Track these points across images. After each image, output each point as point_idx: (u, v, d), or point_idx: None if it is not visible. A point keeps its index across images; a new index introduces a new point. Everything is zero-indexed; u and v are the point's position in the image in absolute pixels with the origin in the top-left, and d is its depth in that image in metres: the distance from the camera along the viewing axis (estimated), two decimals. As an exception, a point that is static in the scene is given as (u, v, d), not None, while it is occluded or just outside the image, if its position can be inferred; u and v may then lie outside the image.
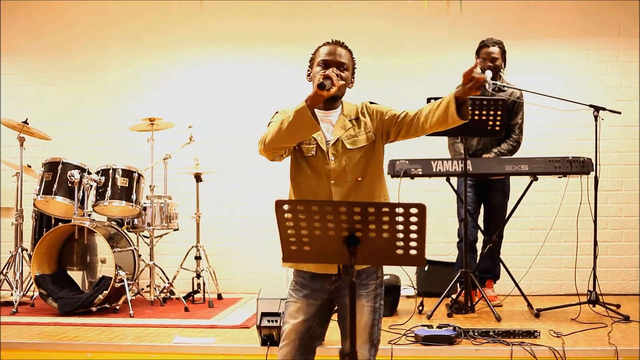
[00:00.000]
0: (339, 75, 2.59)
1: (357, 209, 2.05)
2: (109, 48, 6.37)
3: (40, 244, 4.90)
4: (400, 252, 2.11)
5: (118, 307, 4.87)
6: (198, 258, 5.43)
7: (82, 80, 6.40)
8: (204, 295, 5.36)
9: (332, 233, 2.09)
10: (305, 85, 2.86)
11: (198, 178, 5.53)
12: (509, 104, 4.85)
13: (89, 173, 5.05)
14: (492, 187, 5.04)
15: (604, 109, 4.55)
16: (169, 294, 5.39)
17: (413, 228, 2.06)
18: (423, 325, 3.95)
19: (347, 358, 2.20)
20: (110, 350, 3.84)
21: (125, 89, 6.37)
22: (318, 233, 2.09)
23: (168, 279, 5.36)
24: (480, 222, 5.11)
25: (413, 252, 2.10)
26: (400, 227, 2.06)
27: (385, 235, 2.08)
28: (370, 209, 2.04)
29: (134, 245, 5.22)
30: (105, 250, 5.16)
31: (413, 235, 2.07)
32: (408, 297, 5.28)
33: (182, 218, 5.54)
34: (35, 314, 4.79)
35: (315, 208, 2.06)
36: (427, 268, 5.51)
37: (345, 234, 2.08)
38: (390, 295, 4.56)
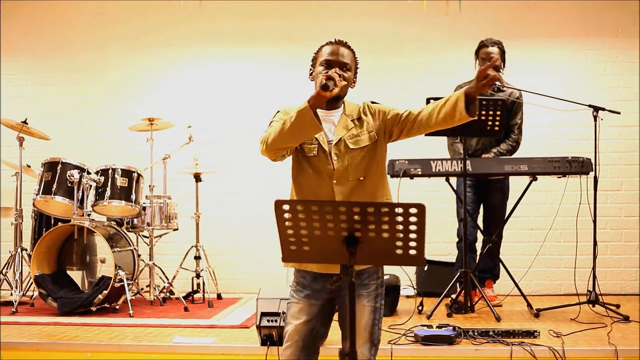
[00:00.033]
0: (342, 76, 2.59)
1: (356, 209, 2.05)
2: (109, 48, 6.37)
3: (40, 244, 4.90)
4: (400, 252, 2.11)
5: (118, 307, 4.87)
6: (198, 258, 5.43)
7: (82, 80, 6.40)
8: (204, 295, 5.36)
9: (331, 233, 2.09)
10: (305, 86, 2.86)
11: (197, 178, 5.53)
12: (508, 104, 4.85)
13: (89, 173, 5.05)
14: (491, 187, 5.05)
15: (603, 109, 4.55)
16: (169, 294, 5.39)
17: (412, 228, 2.06)
18: (423, 325, 3.95)
19: (347, 358, 2.20)
20: (110, 350, 3.84)
21: (125, 89, 6.37)
22: (317, 233, 2.09)
23: (168, 279, 5.36)
24: (480, 222, 5.12)
25: (412, 252, 2.10)
26: (400, 227, 2.06)
27: (385, 235, 2.08)
28: (370, 209, 2.05)
29: (134, 245, 5.22)
30: (105, 250, 5.16)
31: (412, 235, 2.07)
32: (408, 297, 5.28)
33: (181, 218, 5.55)
34: (35, 314, 4.79)
35: (315, 208, 2.06)
36: (426, 268, 5.52)
37: (345, 234, 2.08)
38: (390, 295, 4.56)
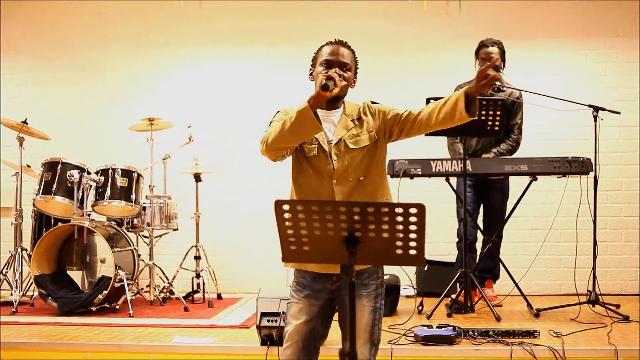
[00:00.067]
0: (342, 76, 2.58)
1: (356, 209, 2.05)
2: (109, 48, 6.37)
3: (40, 244, 4.90)
4: (400, 252, 2.11)
5: (118, 306, 4.87)
6: (197, 258, 5.43)
7: (82, 80, 6.40)
8: (204, 295, 5.36)
9: (331, 233, 2.09)
10: (305, 86, 2.86)
11: (197, 178, 5.53)
12: (508, 104, 4.85)
13: (89, 173, 5.05)
14: (491, 187, 5.05)
15: (603, 109, 4.55)
16: (169, 294, 5.39)
17: (412, 228, 2.06)
18: (423, 325, 3.95)
19: (347, 358, 2.20)
20: (110, 350, 3.84)
21: (125, 89, 6.37)
22: (317, 233, 2.09)
23: (168, 279, 5.36)
24: (480, 222, 5.12)
25: (412, 252, 2.10)
26: (400, 227, 2.06)
27: (385, 235, 2.08)
28: (370, 209, 2.04)
29: (134, 245, 5.22)
30: (105, 250, 5.16)
31: (412, 235, 2.07)
32: (408, 297, 5.28)
33: (181, 218, 5.54)
34: (35, 314, 4.79)
35: (315, 208, 2.06)
36: (426, 268, 5.52)
37: (345, 234, 2.08)
38: (390, 295, 4.56)
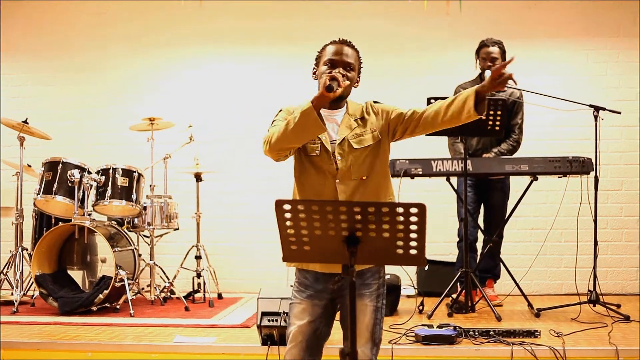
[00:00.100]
0: (345, 76, 2.58)
1: (357, 209, 2.04)
2: (109, 48, 6.37)
3: (41, 244, 4.90)
4: (401, 251, 2.11)
5: (118, 306, 4.87)
6: (198, 257, 5.43)
7: (82, 80, 6.40)
8: (204, 295, 5.36)
9: (332, 233, 2.09)
10: (305, 86, 2.86)
11: (198, 178, 5.53)
12: (509, 104, 4.85)
13: (89, 173, 5.05)
14: (492, 186, 5.05)
15: (604, 109, 4.55)
16: (169, 294, 5.39)
17: (413, 228, 2.06)
18: (423, 325, 3.96)
19: (347, 357, 2.20)
20: (111, 350, 3.85)
21: (125, 89, 6.37)
22: (318, 233, 2.09)
23: (168, 279, 5.36)
24: (481, 221, 5.11)
25: (413, 251, 2.10)
26: (401, 226, 2.05)
27: (386, 235, 2.07)
28: (370, 209, 2.04)
29: (134, 245, 5.22)
30: (106, 250, 5.16)
31: (413, 235, 2.07)
32: (408, 296, 5.28)
33: (182, 217, 5.55)
34: (36, 314, 4.79)
35: (316, 208, 2.06)
36: (427, 268, 5.52)
37: (346, 234, 2.08)
38: (391, 295, 4.55)
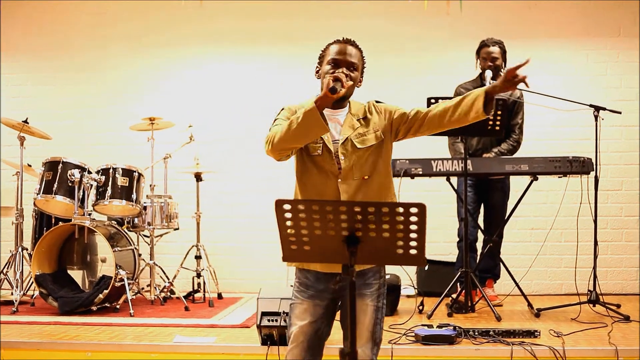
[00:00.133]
0: (348, 76, 2.57)
1: (357, 209, 2.04)
2: (109, 48, 6.37)
3: (41, 243, 4.90)
4: (401, 251, 2.11)
5: (118, 306, 4.87)
6: (198, 257, 5.43)
7: (82, 80, 6.40)
8: (204, 295, 5.36)
9: (332, 233, 2.08)
10: (305, 86, 2.86)
11: (198, 177, 5.53)
12: (509, 104, 4.85)
13: (89, 172, 5.05)
14: (492, 186, 5.05)
15: (604, 109, 4.55)
16: (169, 294, 5.39)
17: (413, 228, 2.05)
18: (423, 325, 3.96)
19: (347, 357, 2.20)
20: (111, 350, 3.85)
21: (125, 89, 6.37)
22: (318, 233, 2.09)
23: (168, 279, 5.36)
24: (481, 221, 5.11)
25: (413, 251, 2.10)
26: (401, 226, 2.05)
27: (386, 235, 2.07)
28: (370, 209, 2.04)
29: (134, 245, 5.22)
30: (106, 250, 5.16)
31: (413, 235, 2.07)
32: (408, 296, 5.28)
33: (182, 217, 5.54)
34: (36, 313, 4.79)
35: (316, 207, 2.05)
36: (427, 268, 5.52)
37: (346, 234, 2.08)
38: (391, 295, 4.54)
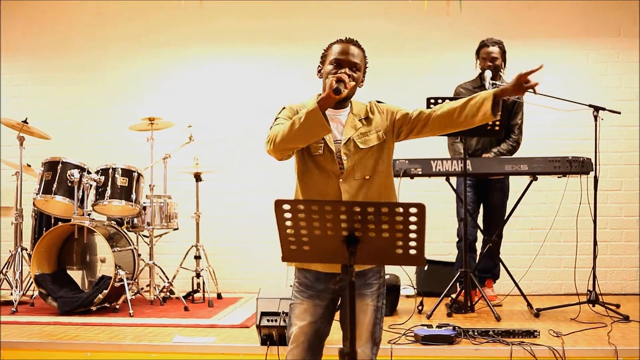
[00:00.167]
0: (351, 76, 2.57)
1: (356, 209, 2.04)
2: (109, 48, 6.37)
3: (40, 244, 4.90)
4: (400, 251, 2.11)
5: (118, 306, 4.87)
6: (198, 257, 5.43)
7: (82, 80, 6.40)
8: (204, 295, 5.36)
9: (331, 233, 2.08)
10: (305, 86, 2.86)
11: (198, 177, 5.53)
12: (509, 104, 4.85)
13: (89, 172, 5.05)
14: (491, 186, 5.05)
15: (604, 109, 4.55)
16: (169, 294, 5.39)
17: (412, 228, 2.05)
18: (423, 325, 3.96)
19: (347, 357, 2.19)
20: (110, 350, 3.84)
21: (125, 89, 6.37)
22: (318, 233, 2.09)
23: (168, 279, 5.36)
24: (480, 221, 5.12)
25: (413, 251, 2.10)
26: (400, 226, 2.05)
27: (385, 235, 2.07)
28: (370, 209, 2.04)
29: (134, 245, 5.22)
30: (105, 250, 5.16)
31: (412, 235, 2.07)
32: (408, 296, 5.28)
33: (181, 217, 5.55)
34: (35, 314, 4.79)
35: (315, 208, 2.05)
36: (426, 268, 5.52)
37: (345, 234, 2.08)
38: (390, 295, 4.54)
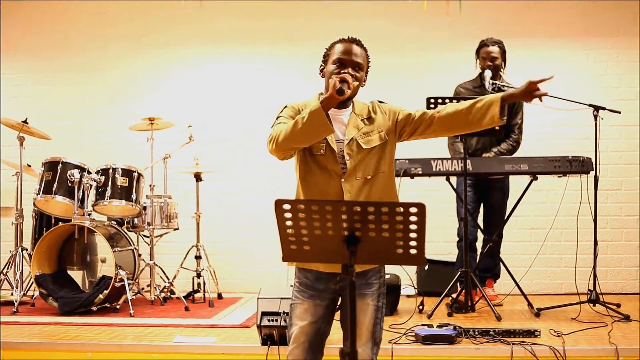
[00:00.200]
0: (354, 76, 2.57)
1: (357, 209, 2.04)
2: (109, 48, 6.37)
3: (41, 244, 4.90)
4: (400, 251, 2.11)
5: (118, 306, 4.87)
6: (198, 257, 5.43)
7: (82, 80, 6.40)
8: (204, 295, 5.36)
9: (331, 232, 2.08)
10: (305, 85, 2.85)
11: (198, 177, 5.53)
12: (509, 104, 4.84)
13: (89, 172, 5.05)
14: (491, 186, 5.05)
15: (604, 109, 4.56)
16: (169, 294, 5.39)
17: (413, 227, 2.05)
18: (423, 325, 3.95)
19: (347, 357, 2.19)
20: (111, 350, 3.85)
21: (125, 89, 6.37)
22: (318, 232, 2.09)
23: (168, 279, 5.36)
24: (480, 221, 5.12)
25: (413, 251, 2.10)
26: (400, 226, 2.05)
27: (385, 235, 2.07)
28: (370, 209, 2.04)
29: (134, 245, 5.22)
30: (106, 250, 5.16)
31: (413, 235, 2.07)
32: (408, 296, 5.28)
33: (182, 217, 5.54)
34: (36, 314, 4.79)
35: (315, 207, 2.05)
36: (427, 267, 5.52)
37: (345, 234, 2.08)
38: (391, 295, 4.55)
